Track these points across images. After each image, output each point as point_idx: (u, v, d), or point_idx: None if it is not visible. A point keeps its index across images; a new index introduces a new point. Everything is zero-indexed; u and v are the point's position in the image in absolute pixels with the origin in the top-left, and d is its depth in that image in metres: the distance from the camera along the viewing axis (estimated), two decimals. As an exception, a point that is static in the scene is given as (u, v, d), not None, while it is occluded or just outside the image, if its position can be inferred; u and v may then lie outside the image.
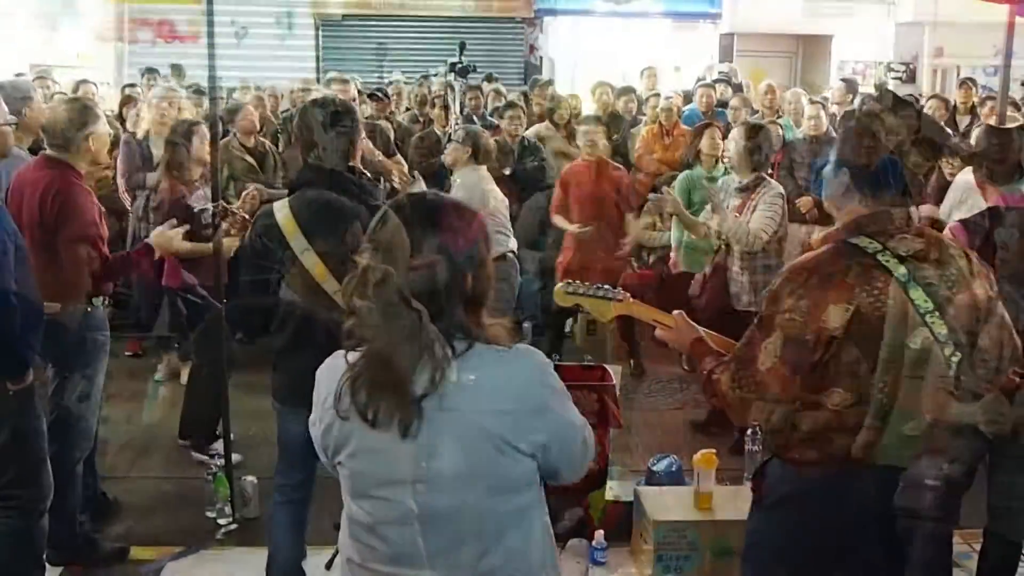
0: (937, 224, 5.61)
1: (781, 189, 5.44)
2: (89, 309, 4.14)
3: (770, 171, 7.13)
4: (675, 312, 2.79)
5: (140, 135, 6.34)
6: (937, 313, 2.32)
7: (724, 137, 6.22)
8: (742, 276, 5.33)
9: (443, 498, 1.89)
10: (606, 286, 2.95)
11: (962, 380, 2.44)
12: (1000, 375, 2.53)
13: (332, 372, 1.96)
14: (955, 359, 2.35)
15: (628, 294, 2.96)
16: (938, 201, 6.23)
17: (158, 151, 6.11)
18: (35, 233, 3.99)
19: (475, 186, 5.88)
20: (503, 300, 5.75)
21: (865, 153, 2.44)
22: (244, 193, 4.94)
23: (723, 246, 5.44)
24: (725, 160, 5.62)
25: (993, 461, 3.67)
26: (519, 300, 6.75)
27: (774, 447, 2.53)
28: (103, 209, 4.29)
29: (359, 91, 8.62)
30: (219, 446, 5.28)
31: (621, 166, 7.05)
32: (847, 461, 2.39)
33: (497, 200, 6.08)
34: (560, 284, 3.01)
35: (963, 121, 9.26)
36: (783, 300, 2.34)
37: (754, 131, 5.44)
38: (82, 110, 4.18)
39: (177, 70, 11.75)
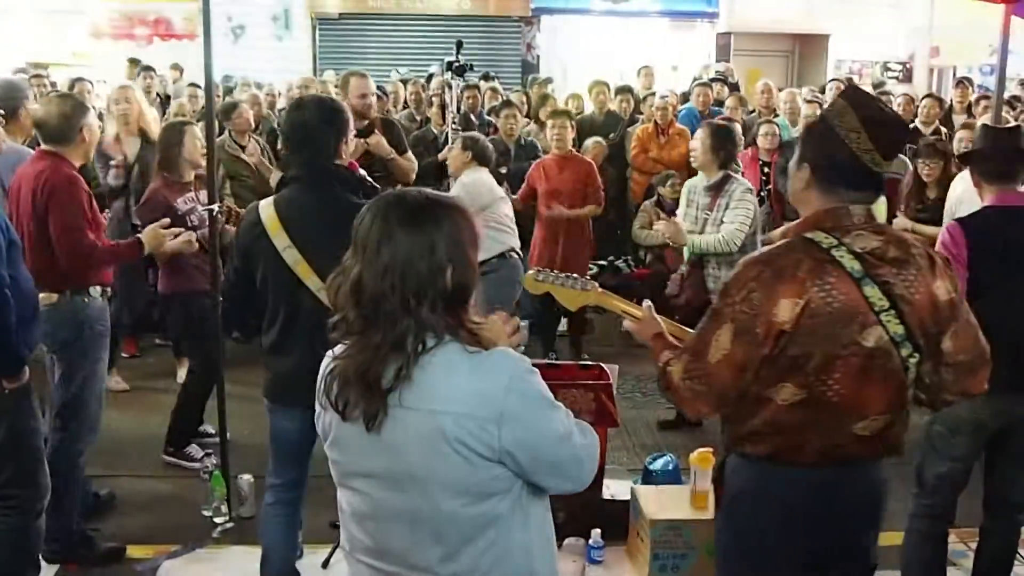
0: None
1: (749, 184, 5.55)
2: (86, 299, 4.17)
3: (767, 170, 7.19)
4: (644, 303, 2.81)
5: (108, 139, 6.21)
6: (893, 312, 2.30)
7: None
8: (719, 271, 5.41)
9: (402, 496, 1.89)
10: (575, 275, 3.01)
11: (926, 383, 2.43)
12: (971, 377, 2.49)
13: (325, 363, 1.99)
14: (913, 360, 2.34)
15: (597, 284, 3.00)
16: (920, 200, 6.25)
17: (130, 150, 6.10)
18: (30, 225, 4.05)
19: (478, 184, 5.88)
20: (506, 298, 5.77)
21: (824, 149, 2.42)
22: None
23: None
24: (693, 159, 5.69)
25: (989, 459, 3.68)
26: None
27: (728, 441, 2.52)
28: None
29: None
30: (192, 450, 5.29)
31: (590, 160, 7.08)
32: (799, 458, 2.38)
33: (501, 198, 6.08)
34: (531, 271, 3.05)
35: (959, 121, 9.27)
36: (735, 292, 2.33)
37: (718, 131, 5.56)
38: (74, 104, 4.26)
39: (133, 62, 11.57)
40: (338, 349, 1.94)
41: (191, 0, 13.72)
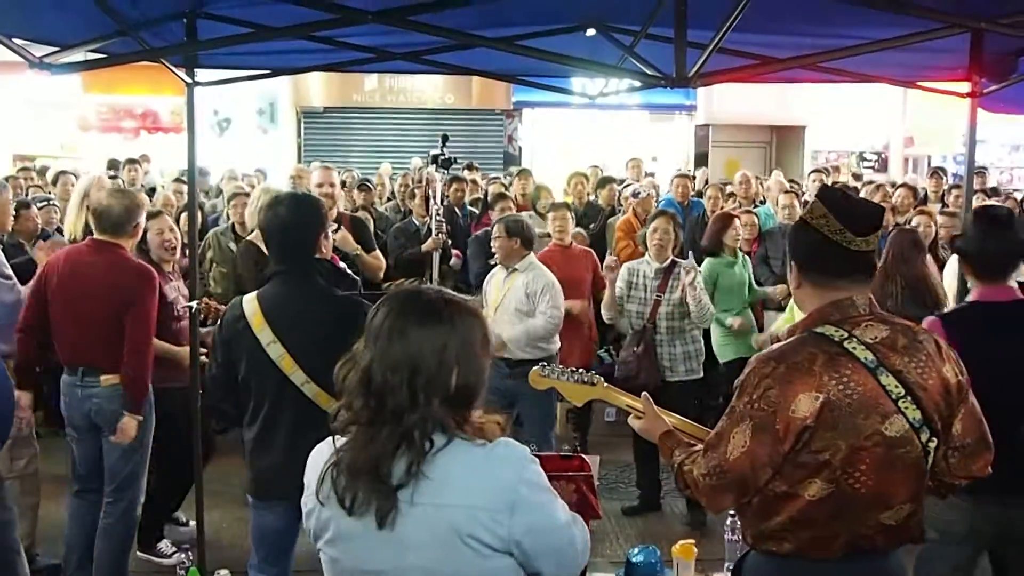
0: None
1: (695, 264, 5.98)
2: None
3: (748, 257, 7.24)
4: (643, 395, 2.83)
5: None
6: (909, 398, 2.32)
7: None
8: (674, 348, 5.75)
9: None
10: (580, 370, 3.02)
11: (935, 469, 2.42)
12: (976, 460, 2.50)
13: (319, 456, 1.97)
14: (932, 444, 2.35)
15: (602, 379, 3.00)
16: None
17: None
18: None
19: (545, 274, 5.78)
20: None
21: (802, 242, 2.50)
22: None
23: (647, 325, 5.77)
24: (652, 246, 5.88)
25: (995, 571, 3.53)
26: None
27: (751, 539, 2.50)
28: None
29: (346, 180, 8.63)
30: (163, 547, 5.18)
31: (590, 248, 7.15)
32: (825, 553, 2.36)
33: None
34: (536, 367, 3.04)
35: (935, 210, 9.40)
36: (751, 391, 2.35)
37: (677, 220, 6.07)
38: None
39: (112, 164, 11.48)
40: (339, 442, 1.92)
41: (178, 94, 13.91)
